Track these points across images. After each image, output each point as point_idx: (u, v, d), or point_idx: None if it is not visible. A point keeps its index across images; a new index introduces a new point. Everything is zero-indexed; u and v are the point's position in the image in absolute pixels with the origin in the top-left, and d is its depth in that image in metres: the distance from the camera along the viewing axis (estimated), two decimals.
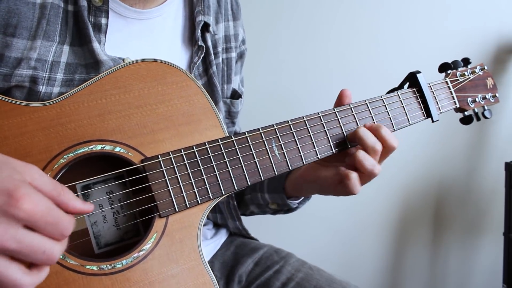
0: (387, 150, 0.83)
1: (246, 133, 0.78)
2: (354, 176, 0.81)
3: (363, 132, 0.82)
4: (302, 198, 1.00)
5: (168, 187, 0.71)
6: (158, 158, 0.72)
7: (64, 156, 0.67)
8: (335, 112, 0.86)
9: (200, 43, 0.88)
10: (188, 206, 0.72)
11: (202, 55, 0.88)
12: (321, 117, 0.85)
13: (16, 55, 0.70)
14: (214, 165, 0.75)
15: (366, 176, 0.82)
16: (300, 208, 1.02)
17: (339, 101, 0.89)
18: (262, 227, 1.24)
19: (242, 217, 1.04)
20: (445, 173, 1.81)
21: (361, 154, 0.80)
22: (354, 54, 1.60)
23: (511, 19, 1.68)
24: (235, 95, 1.00)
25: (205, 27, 0.90)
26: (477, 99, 1.04)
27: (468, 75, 1.04)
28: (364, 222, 1.79)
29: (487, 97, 1.06)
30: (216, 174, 0.75)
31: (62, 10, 0.74)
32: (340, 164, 0.86)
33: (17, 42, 0.70)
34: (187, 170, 0.73)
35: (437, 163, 1.78)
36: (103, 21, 0.76)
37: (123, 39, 0.81)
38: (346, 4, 1.56)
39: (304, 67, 1.57)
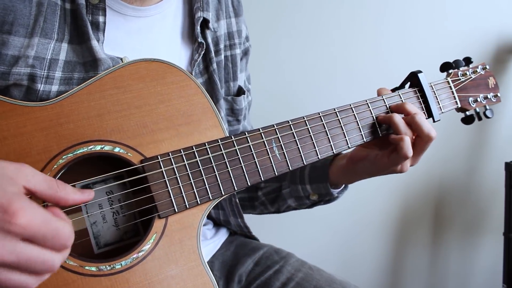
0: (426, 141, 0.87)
1: (246, 133, 0.78)
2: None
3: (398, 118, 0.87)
4: (343, 186, 1.01)
5: (168, 188, 0.71)
6: (158, 159, 0.71)
7: (63, 157, 0.67)
8: (335, 112, 0.86)
9: (200, 39, 0.87)
10: (187, 206, 0.72)
11: (202, 52, 0.88)
12: (321, 117, 0.85)
13: (13, 53, 0.69)
14: (214, 166, 0.75)
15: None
16: (340, 198, 1.03)
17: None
18: (263, 227, 1.24)
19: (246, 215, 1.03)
20: (445, 173, 1.81)
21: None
22: (355, 54, 1.60)
23: (511, 19, 1.68)
24: (239, 92, 1.00)
25: (205, 23, 0.89)
26: (478, 99, 1.03)
27: (469, 75, 1.03)
28: (364, 222, 1.79)
29: (489, 96, 1.05)
30: (215, 175, 0.74)
31: (59, 8, 0.73)
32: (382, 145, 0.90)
33: (13, 40, 0.69)
34: (187, 171, 0.73)
35: (437, 163, 1.78)
36: (101, 19, 0.76)
37: (122, 37, 0.81)
38: (347, 4, 1.55)
39: (306, 67, 1.57)
